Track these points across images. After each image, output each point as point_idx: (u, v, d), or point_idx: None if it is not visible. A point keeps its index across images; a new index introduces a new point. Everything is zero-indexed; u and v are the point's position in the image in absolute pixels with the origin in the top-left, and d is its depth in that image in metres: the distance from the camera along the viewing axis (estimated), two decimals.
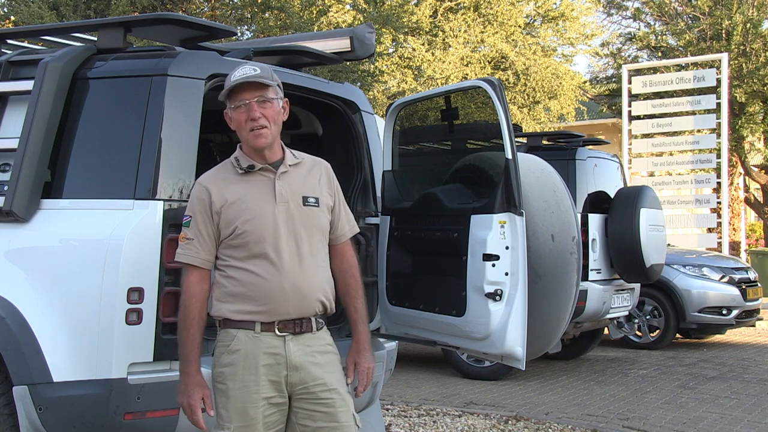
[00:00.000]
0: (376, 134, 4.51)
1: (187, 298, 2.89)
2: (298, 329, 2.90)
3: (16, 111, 3.74)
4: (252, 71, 2.89)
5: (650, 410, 6.65)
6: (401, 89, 16.68)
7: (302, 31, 12.47)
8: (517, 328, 3.60)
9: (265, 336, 2.87)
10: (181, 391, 2.88)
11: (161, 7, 13.46)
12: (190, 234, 2.91)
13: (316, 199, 2.99)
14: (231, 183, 2.93)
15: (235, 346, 2.87)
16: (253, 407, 2.83)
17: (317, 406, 2.90)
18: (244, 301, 2.86)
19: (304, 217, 2.94)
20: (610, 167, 8.86)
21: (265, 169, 2.95)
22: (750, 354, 9.93)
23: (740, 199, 19.59)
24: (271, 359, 2.86)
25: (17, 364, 3.31)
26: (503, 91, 3.78)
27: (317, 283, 2.94)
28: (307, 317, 2.92)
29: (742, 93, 17.41)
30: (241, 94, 2.89)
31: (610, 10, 20.98)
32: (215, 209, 2.89)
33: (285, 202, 2.92)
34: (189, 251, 2.90)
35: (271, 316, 2.87)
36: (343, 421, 2.92)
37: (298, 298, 2.88)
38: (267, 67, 2.98)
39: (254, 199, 2.90)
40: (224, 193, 2.91)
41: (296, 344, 2.90)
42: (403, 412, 6.23)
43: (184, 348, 2.87)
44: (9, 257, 3.54)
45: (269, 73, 2.94)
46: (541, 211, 3.94)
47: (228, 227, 2.88)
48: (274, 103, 2.92)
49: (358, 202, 4.38)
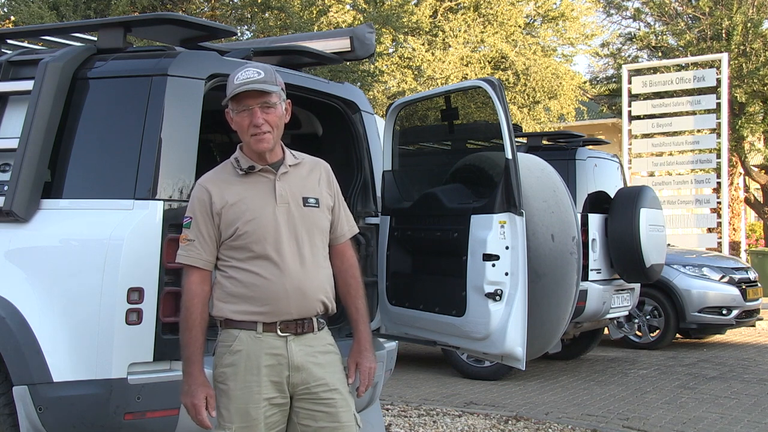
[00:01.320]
0: (376, 134, 4.51)
1: (189, 299, 2.88)
2: (300, 330, 2.90)
3: (16, 111, 3.74)
4: (256, 75, 2.87)
5: (650, 410, 6.65)
6: (401, 89, 16.68)
7: (302, 31, 12.47)
8: (517, 328, 3.60)
9: (267, 336, 2.87)
10: (185, 392, 2.87)
11: (161, 7, 13.46)
12: (191, 235, 2.91)
13: (316, 200, 2.99)
14: (231, 184, 2.93)
15: (237, 347, 2.87)
16: (254, 408, 2.83)
17: (319, 407, 2.90)
18: (246, 302, 2.86)
19: (305, 218, 2.94)
20: (610, 167, 8.86)
21: (266, 170, 2.95)
22: (750, 354, 9.93)
23: (740, 199, 19.59)
24: (273, 360, 2.86)
25: (17, 364, 3.31)
26: (503, 91, 3.78)
27: (318, 284, 2.94)
28: (308, 318, 2.92)
29: (742, 93, 17.41)
30: (244, 99, 2.88)
31: (609, 10, 21.00)
32: (216, 210, 2.89)
33: (285, 203, 2.92)
34: (190, 252, 2.90)
35: (273, 316, 2.86)
36: (345, 421, 2.92)
37: (299, 298, 2.88)
38: (270, 69, 2.96)
39: (255, 200, 2.90)
40: (225, 194, 2.90)
41: (298, 345, 2.90)
42: (403, 412, 6.23)
43: (187, 349, 2.87)
44: (9, 257, 3.54)
45: (273, 77, 2.92)
46: (541, 211, 3.94)
47: (229, 228, 2.88)
48: (277, 108, 2.92)
49: (358, 202, 4.38)
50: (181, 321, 2.90)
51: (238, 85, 2.86)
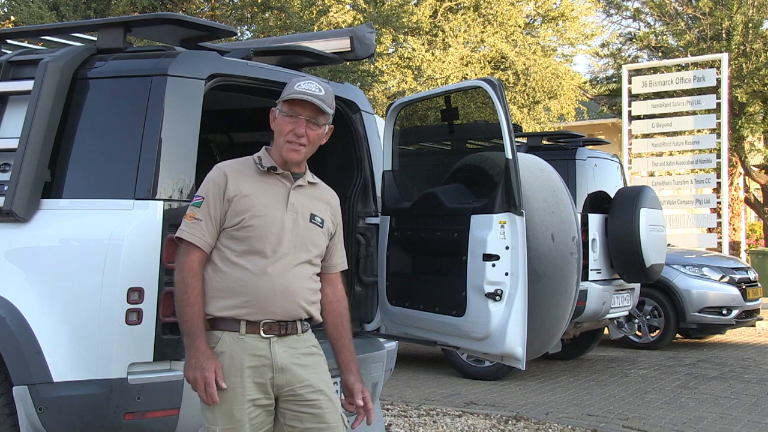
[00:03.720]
0: (376, 134, 4.51)
1: (191, 275, 2.83)
2: (284, 331, 2.90)
3: (16, 111, 3.74)
4: (318, 91, 2.92)
5: (650, 410, 6.65)
6: (401, 89, 16.68)
7: (302, 31, 12.47)
8: (517, 328, 3.60)
9: (250, 338, 2.86)
10: (192, 366, 2.79)
11: (161, 7, 13.45)
12: (199, 214, 2.88)
13: (321, 220, 3.02)
14: (249, 177, 2.95)
15: (220, 348, 2.85)
16: (238, 409, 2.82)
17: (304, 408, 2.90)
18: (232, 297, 2.85)
19: (308, 232, 2.97)
20: (610, 167, 8.86)
21: (284, 175, 2.97)
22: (750, 354, 9.94)
23: (740, 199, 19.60)
24: (256, 361, 2.85)
25: (17, 364, 3.30)
26: (503, 91, 3.78)
27: (305, 291, 2.95)
28: (292, 320, 2.93)
29: (743, 93, 17.41)
30: (297, 106, 2.91)
31: (609, 10, 21.01)
32: (228, 196, 2.89)
33: (294, 212, 2.95)
34: (194, 231, 2.87)
35: (258, 314, 2.85)
36: (331, 422, 2.92)
37: (286, 298, 2.88)
38: (331, 91, 2.99)
39: (267, 198, 2.92)
40: (240, 184, 2.92)
41: (282, 346, 2.89)
42: (403, 412, 6.23)
43: (189, 323, 2.81)
44: (9, 257, 3.54)
45: (331, 100, 2.97)
46: (541, 211, 3.94)
47: (235, 217, 2.88)
48: (321, 128, 2.97)
49: (358, 202, 4.38)
50: (178, 298, 2.84)
51: (298, 92, 2.90)
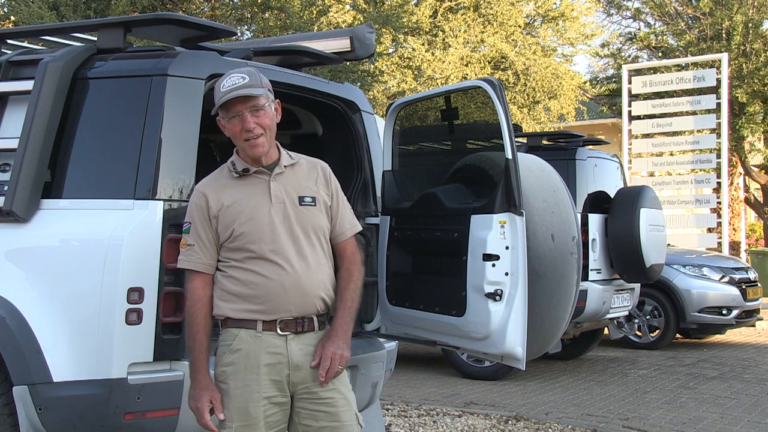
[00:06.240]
0: (376, 134, 4.51)
1: (193, 304, 2.91)
2: (300, 328, 2.91)
3: (16, 111, 3.74)
4: (241, 81, 2.87)
5: (650, 410, 6.65)
6: (401, 89, 16.68)
7: (302, 31, 12.46)
8: (517, 328, 3.60)
9: (267, 335, 2.88)
10: (191, 396, 2.90)
11: (161, 7, 13.45)
12: (190, 240, 2.94)
13: (312, 198, 3.00)
14: (227, 187, 2.95)
15: (237, 346, 2.88)
16: (254, 407, 2.84)
17: (319, 406, 2.91)
18: (246, 300, 2.87)
19: (301, 216, 2.95)
20: (610, 167, 8.86)
21: (260, 172, 2.97)
22: (750, 354, 9.93)
23: (740, 199, 19.60)
24: (273, 358, 2.87)
25: (17, 364, 3.31)
26: (503, 91, 3.78)
27: (317, 281, 2.94)
28: (308, 316, 2.93)
29: (743, 93, 17.41)
30: (233, 105, 2.89)
31: (610, 10, 21.00)
32: (212, 214, 2.92)
33: (281, 203, 2.94)
34: (191, 257, 2.92)
35: (273, 314, 2.87)
36: (346, 421, 2.93)
37: (298, 295, 2.88)
38: (254, 72, 2.95)
39: (250, 201, 2.92)
40: (221, 197, 2.93)
41: (298, 344, 2.90)
42: (403, 412, 6.23)
43: (192, 354, 2.90)
44: (9, 257, 3.54)
45: (258, 80, 2.92)
46: (541, 211, 3.94)
47: (226, 230, 2.90)
48: (267, 110, 2.93)
49: (358, 202, 4.38)
50: (186, 326, 2.95)
51: (224, 93, 2.88)
